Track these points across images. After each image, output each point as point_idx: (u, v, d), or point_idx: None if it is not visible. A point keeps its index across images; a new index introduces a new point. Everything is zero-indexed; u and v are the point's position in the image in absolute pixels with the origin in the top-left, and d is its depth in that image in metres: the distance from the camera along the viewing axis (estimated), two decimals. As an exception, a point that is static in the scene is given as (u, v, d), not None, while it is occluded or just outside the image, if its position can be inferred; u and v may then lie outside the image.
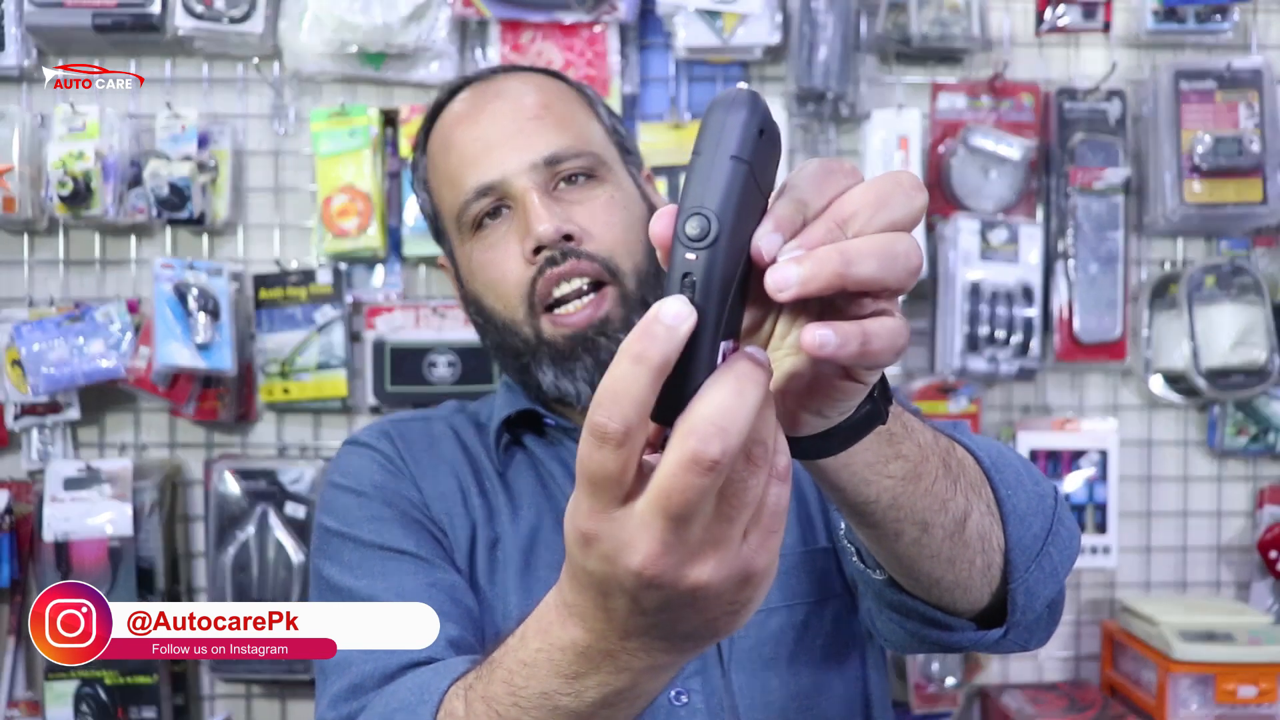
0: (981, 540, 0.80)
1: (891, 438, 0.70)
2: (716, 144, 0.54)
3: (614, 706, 0.64)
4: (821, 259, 0.54)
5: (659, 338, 0.52)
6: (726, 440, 0.51)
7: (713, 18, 1.73)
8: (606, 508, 0.55)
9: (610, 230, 1.10)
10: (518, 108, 1.15)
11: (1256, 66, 1.77)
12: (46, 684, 1.65)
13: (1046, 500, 0.87)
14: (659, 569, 0.54)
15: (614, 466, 0.53)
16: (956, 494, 0.76)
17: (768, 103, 0.56)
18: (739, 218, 0.54)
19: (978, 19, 1.76)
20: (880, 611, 0.91)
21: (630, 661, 0.61)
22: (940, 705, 1.79)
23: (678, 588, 0.55)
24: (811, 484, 1.15)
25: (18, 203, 1.67)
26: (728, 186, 0.53)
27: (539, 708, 0.66)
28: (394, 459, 1.14)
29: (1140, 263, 1.86)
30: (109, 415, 1.79)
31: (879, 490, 0.71)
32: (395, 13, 1.68)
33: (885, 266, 0.55)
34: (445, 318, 1.76)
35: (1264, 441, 1.83)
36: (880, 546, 0.78)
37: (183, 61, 1.78)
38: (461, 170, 1.14)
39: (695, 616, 0.58)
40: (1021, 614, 0.85)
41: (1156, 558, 1.88)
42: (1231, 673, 1.61)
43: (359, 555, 1.06)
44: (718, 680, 1.06)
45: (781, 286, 0.54)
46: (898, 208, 0.58)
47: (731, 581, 0.56)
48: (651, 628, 0.59)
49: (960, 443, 0.82)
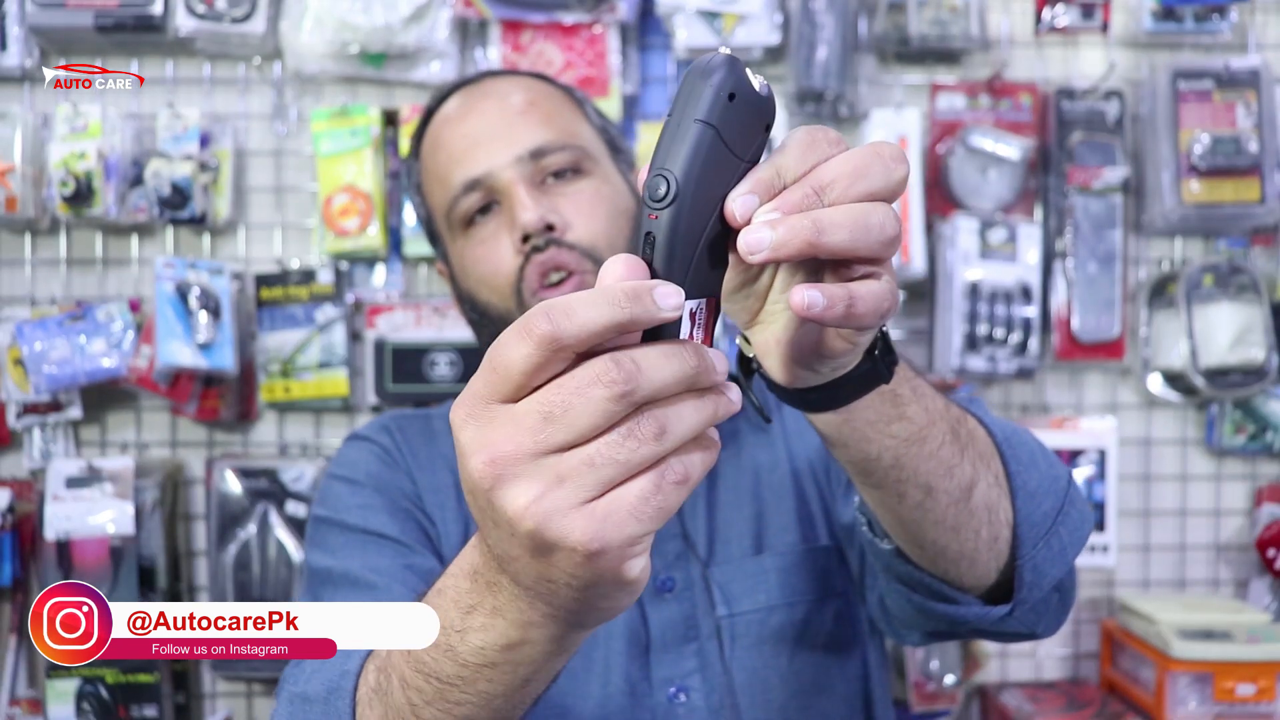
0: (988, 511, 0.80)
1: (896, 399, 0.71)
2: (684, 108, 0.55)
3: (493, 667, 0.63)
4: (794, 226, 0.55)
5: (644, 303, 0.53)
6: (637, 379, 0.51)
7: (712, 18, 1.73)
8: (491, 396, 0.54)
9: (594, 221, 1.11)
10: (504, 105, 1.16)
11: (1254, 66, 1.78)
12: (48, 682, 1.66)
13: (1060, 481, 0.87)
14: (487, 471, 0.53)
15: (521, 360, 0.52)
16: (963, 461, 0.77)
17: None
18: (701, 178, 0.54)
19: (976, 19, 1.77)
20: (889, 585, 0.91)
21: (504, 602, 0.60)
22: (939, 703, 1.79)
23: (501, 502, 0.53)
24: (813, 483, 1.16)
25: (20, 202, 1.67)
26: (691, 149, 0.54)
27: (438, 645, 0.64)
28: (391, 451, 1.16)
29: (1138, 262, 1.86)
30: (110, 414, 1.80)
31: (880, 449, 0.72)
32: (396, 13, 1.69)
33: (858, 236, 0.56)
34: (446, 317, 1.77)
35: (1262, 440, 1.84)
36: (885, 510, 0.79)
37: (184, 61, 1.78)
38: (449, 167, 1.15)
39: (522, 559, 0.55)
40: (1028, 591, 0.85)
41: (1155, 556, 1.88)
42: (1230, 671, 1.61)
43: (343, 539, 1.07)
44: (718, 678, 1.06)
45: (753, 249, 0.55)
46: (877, 178, 0.58)
47: (549, 531, 0.53)
48: (504, 560, 0.57)
49: (973, 414, 0.83)
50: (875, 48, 1.82)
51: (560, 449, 0.52)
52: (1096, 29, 1.79)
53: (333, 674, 0.78)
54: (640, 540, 0.54)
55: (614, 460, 0.52)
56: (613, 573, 0.54)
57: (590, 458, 0.52)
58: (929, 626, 0.93)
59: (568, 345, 0.52)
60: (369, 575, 1.01)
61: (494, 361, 0.53)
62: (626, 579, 0.55)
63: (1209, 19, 1.78)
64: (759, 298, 0.68)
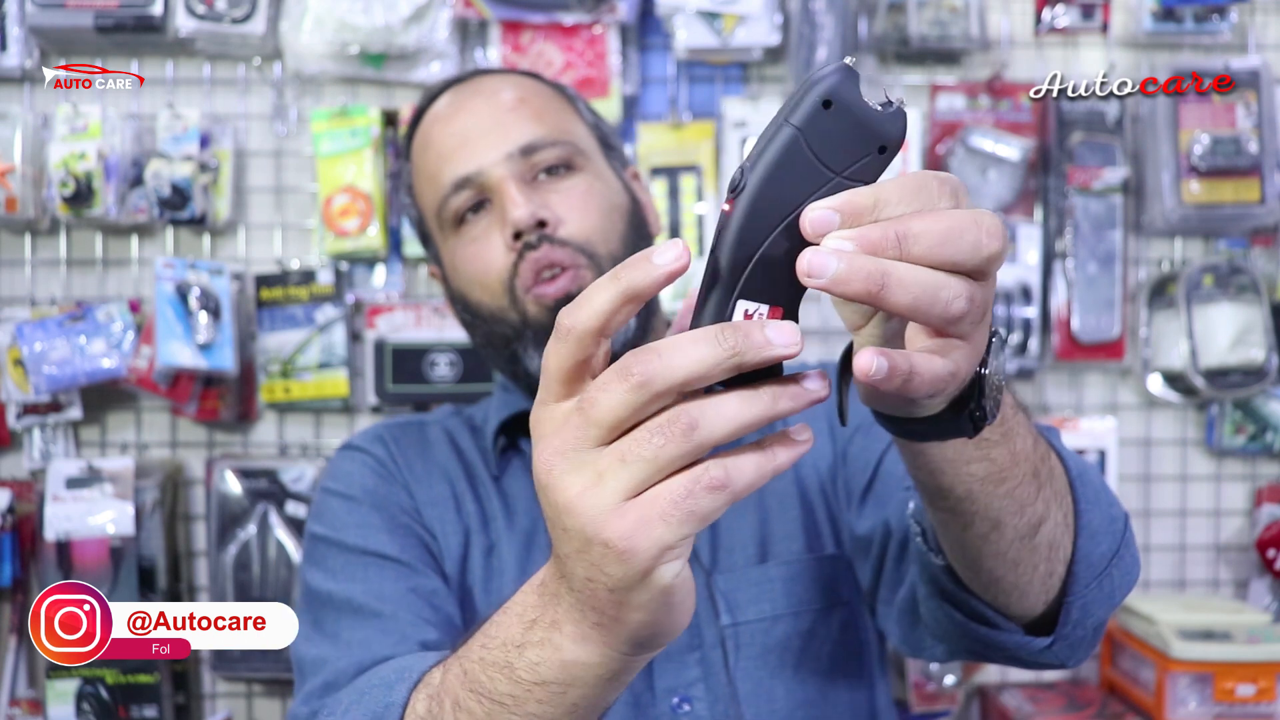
0: (1050, 549, 0.78)
1: (981, 443, 0.68)
2: (783, 110, 0.54)
3: (545, 686, 0.62)
4: (861, 268, 0.51)
5: (639, 267, 0.53)
6: (654, 366, 0.52)
7: (713, 18, 1.73)
8: (544, 398, 0.57)
9: (586, 217, 1.09)
10: (494, 103, 1.14)
11: (1254, 67, 1.78)
12: (48, 682, 1.66)
13: (1118, 523, 0.86)
14: (547, 464, 0.55)
15: (555, 358, 0.55)
16: (1037, 500, 0.75)
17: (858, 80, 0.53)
18: (773, 178, 0.53)
19: (976, 20, 1.77)
20: (930, 598, 0.89)
21: (562, 614, 0.59)
22: (939, 704, 1.79)
23: (554, 494, 0.55)
24: (819, 493, 1.15)
25: (20, 203, 1.67)
26: (768, 146, 0.53)
27: (495, 663, 0.64)
28: (387, 463, 1.14)
29: (1138, 262, 1.86)
30: (110, 415, 1.80)
31: (953, 481, 0.70)
32: (396, 14, 1.69)
33: (922, 303, 0.53)
34: (446, 317, 1.77)
35: (1262, 440, 1.84)
36: (947, 532, 0.77)
37: (184, 62, 1.78)
38: (440, 166, 1.13)
39: (572, 556, 0.56)
40: (1073, 628, 0.84)
41: (1155, 556, 1.88)
42: (1230, 671, 1.61)
43: (343, 560, 1.05)
44: (722, 688, 1.05)
45: (811, 273, 0.52)
46: (966, 248, 0.53)
47: (588, 524, 0.53)
48: (563, 561, 0.57)
49: (1055, 450, 0.80)
50: (875, 48, 1.82)
51: (597, 443, 0.54)
52: (1096, 29, 1.79)
53: (375, 705, 0.77)
54: (673, 545, 0.53)
55: (641, 457, 0.52)
56: (643, 575, 0.54)
57: (622, 453, 0.53)
58: (963, 645, 0.90)
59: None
60: (374, 602, 1.00)
61: (544, 364, 0.57)
62: (658, 584, 0.55)
63: (1209, 19, 1.78)
64: (865, 315, 0.63)
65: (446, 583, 1.07)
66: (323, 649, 0.98)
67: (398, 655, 0.92)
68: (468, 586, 1.09)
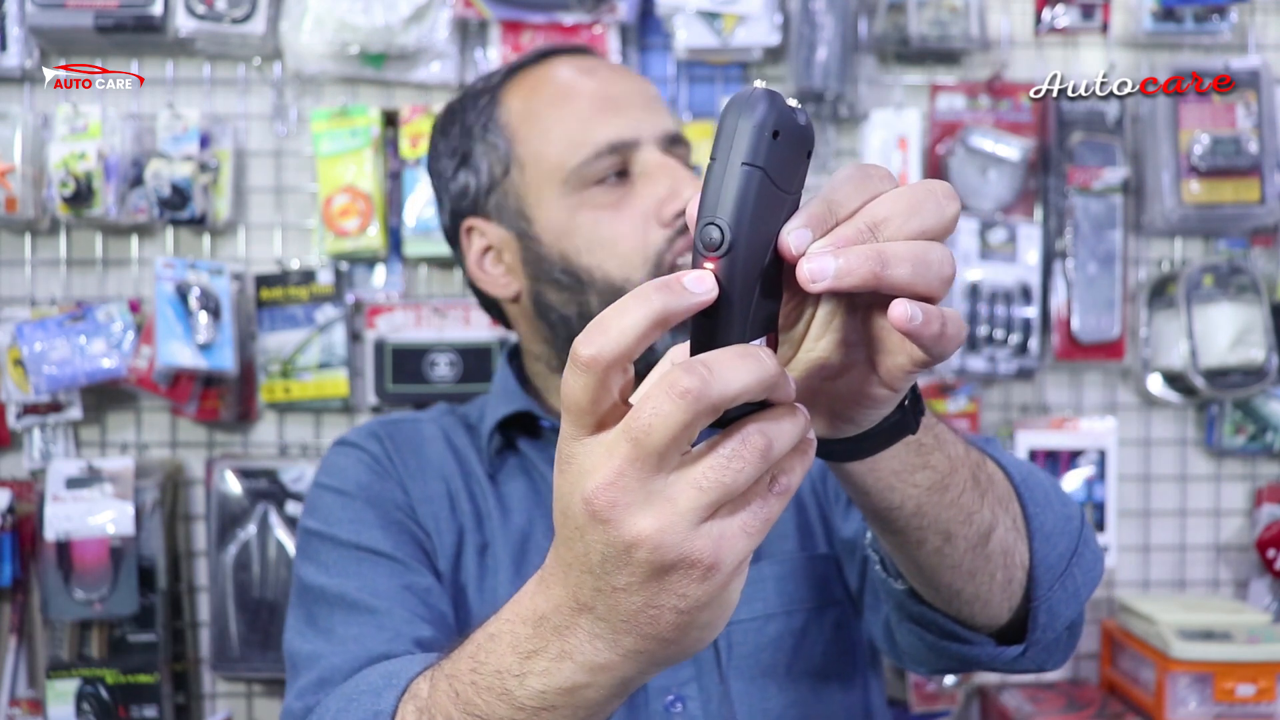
0: (1005, 555, 0.79)
1: (920, 448, 0.70)
2: (729, 150, 0.54)
3: (551, 710, 0.62)
4: (860, 255, 0.54)
5: (671, 289, 0.53)
6: (708, 381, 0.51)
7: (712, 18, 1.73)
8: (577, 434, 0.55)
9: None
10: (638, 82, 1.15)
11: (1254, 67, 1.78)
12: (48, 682, 1.66)
13: (1073, 522, 0.87)
14: (606, 499, 0.53)
15: (580, 391, 0.53)
16: (983, 507, 0.76)
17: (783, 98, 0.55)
18: (754, 224, 0.54)
19: (976, 19, 1.77)
20: (900, 623, 0.90)
21: (574, 645, 0.59)
22: (939, 704, 1.79)
23: (618, 530, 0.54)
24: (811, 492, 1.15)
25: (20, 203, 1.67)
26: (740, 195, 0.53)
27: (491, 689, 0.64)
28: (381, 459, 1.13)
29: (1138, 262, 1.86)
30: (110, 415, 1.80)
31: (903, 497, 0.71)
32: (396, 14, 1.69)
33: (919, 272, 0.55)
34: (446, 317, 1.77)
35: (1262, 440, 1.84)
36: (902, 554, 0.78)
37: (184, 62, 1.79)
38: (591, 121, 1.09)
39: (631, 587, 0.55)
40: (1042, 632, 0.85)
41: (1155, 557, 1.88)
42: (1230, 671, 1.61)
43: (336, 555, 1.05)
44: (715, 688, 1.05)
45: (816, 278, 0.54)
46: (930, 215, 0.57)
47: (669, 553, 0.53)
48: (597, 595, 0.57)
49: (992, 457, 0.82)
50: (875, 48, 1.82)
51: (657, 471, 0.53)
52: (1096, 29, 1.79)
53: (363, 713, 0.77)
54: (748, 555, 0.55)
55: (721, 483, 0.53)
56: (722, 588, 0.55)
57: (697, 481, 0.53)
58: (941, 664, 0.92)
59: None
60: (367, 598, 1.00)
61: (564, 397, 0.55)
62: (731, 597, 0.56)
63: (1209, 19, 1.78)
64: (793, 345, 0.66)
65: (440, 580, 1.07)
66: (316, 644, 0.98)
67: (392, 651, 0.92)
68: (461, 584, 1.09)
